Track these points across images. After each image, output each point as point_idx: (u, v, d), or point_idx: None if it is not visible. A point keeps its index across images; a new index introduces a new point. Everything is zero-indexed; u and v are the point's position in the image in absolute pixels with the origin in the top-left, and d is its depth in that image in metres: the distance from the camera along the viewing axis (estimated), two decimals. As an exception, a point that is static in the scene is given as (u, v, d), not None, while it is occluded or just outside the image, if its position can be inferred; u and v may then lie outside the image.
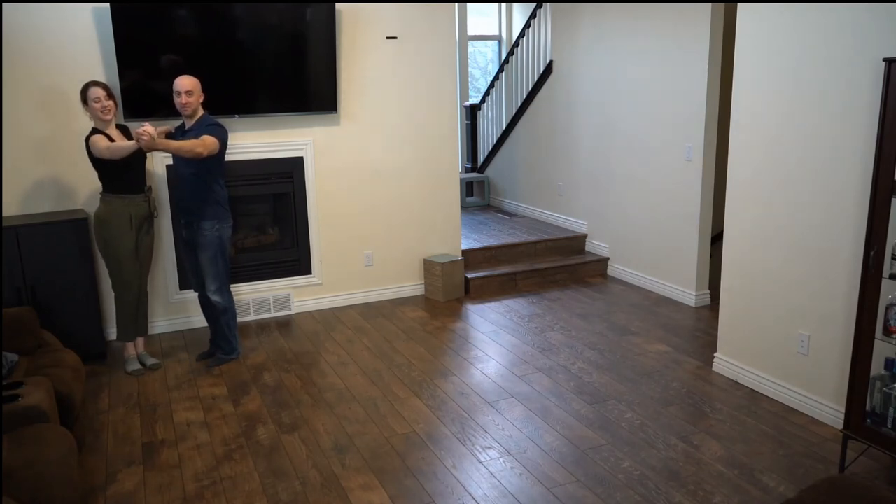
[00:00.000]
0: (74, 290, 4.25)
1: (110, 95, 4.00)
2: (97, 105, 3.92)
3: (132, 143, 3.79)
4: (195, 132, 3.97)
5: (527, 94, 7.08)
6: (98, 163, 3.98)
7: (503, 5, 8.56)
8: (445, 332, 4.82)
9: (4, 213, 4.32)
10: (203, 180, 4.06)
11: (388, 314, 5.22)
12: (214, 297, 4.23)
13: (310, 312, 5.28)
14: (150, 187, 4.21)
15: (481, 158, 8.35)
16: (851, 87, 3.19)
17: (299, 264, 5.25)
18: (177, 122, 4.68)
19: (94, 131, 3.96)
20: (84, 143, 3.99)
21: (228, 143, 4.87)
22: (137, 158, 4.04)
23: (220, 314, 4.30)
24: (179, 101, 3.95)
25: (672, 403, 3.71)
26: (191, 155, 3.81)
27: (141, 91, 4.48)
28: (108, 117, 3.98)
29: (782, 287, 3.65)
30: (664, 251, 5.43)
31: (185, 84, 3.96)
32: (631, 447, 3.28)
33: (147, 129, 3.62)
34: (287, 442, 3.40)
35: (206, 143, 3.85)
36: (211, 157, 3.95)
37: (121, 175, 4.02)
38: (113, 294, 4.26)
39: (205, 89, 4.81)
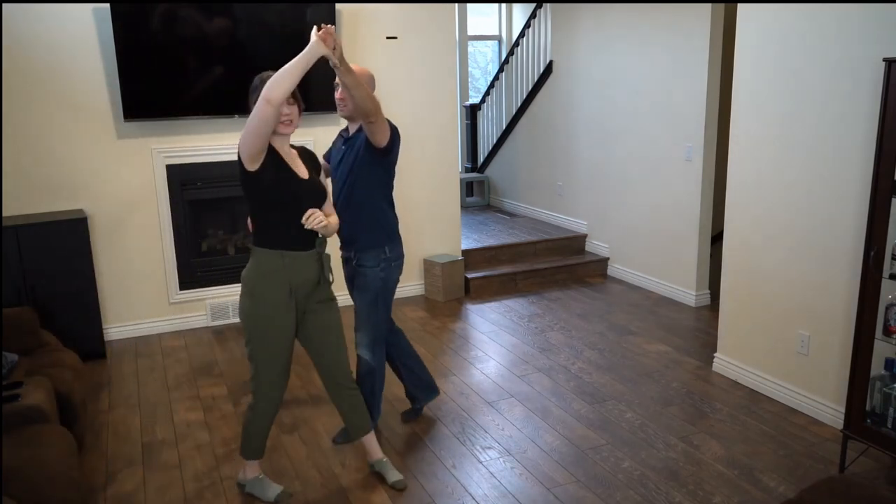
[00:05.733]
0: (74, 290, 4.25)
1: (294, 98, 2.64)
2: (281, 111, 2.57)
3: (306, 53, 2.47)
4: (359, 139, 3.08)
5: (527, 94, 7.07)
6: (252, 183, 2.61)
7: (503, 5, 8.56)
8: (445, 332, 4.82)
9: (4, 213, 4.32)
10: (366, 191, 3.07)
11: (388, 314, 5.21)
12: (361, 353, 3.24)
13: (310, 312, 5.27)
14: (323, 239, 2.79)
15: (481, 158, 8.35)
16: (851, 87, 3.19)
17: (299, 264, 5.24)
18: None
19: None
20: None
21: (231, 143, 4.91)
22: (314, 187, 2.71)
23: (363, 375, 3.26)
24: (336, 95, 3.03)
25: (672, 403, 3.71)
26: (364, 104, 2.79)
27: (142, 91, 4.47)
28: (290, 130, 2.66)
29: (782, 287, 3.65)
30: (664, 251, 5.43)
31: None
32: (631, 447, 3.28)
33: (329, 28, 2.49)
34: (287, 442, 3.40)
35: (376, 102, 2.84)
36: (378, 156, 3.03)
37: (287, 208, 2.64)
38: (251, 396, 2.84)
39: (205, 89, 4.80)
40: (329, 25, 2.51)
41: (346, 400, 2.92)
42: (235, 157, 5.37)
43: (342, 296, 3.76)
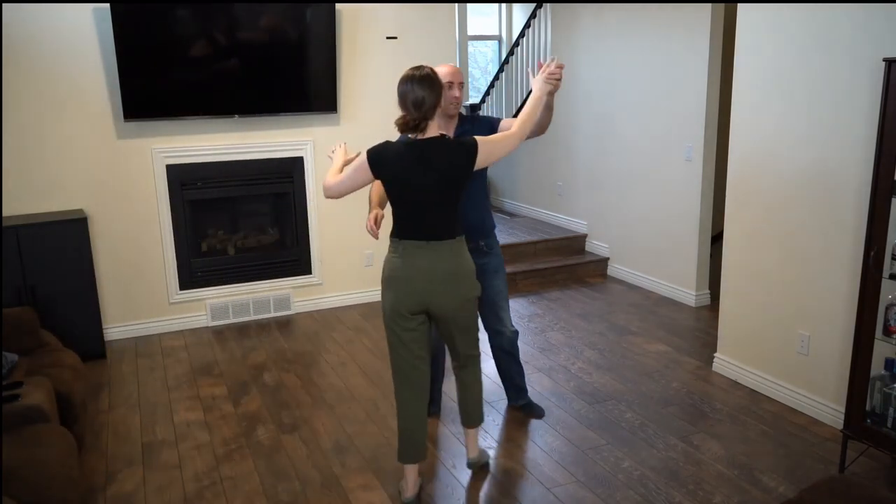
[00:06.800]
0: (74, 290, 4.25)
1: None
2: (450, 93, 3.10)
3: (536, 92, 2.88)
4: (458, 135, 3.19)
5: (527, 94, 7.07)
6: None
7: (503, 5, 8.55)
8: (445, 332, 4.81)
9: (4, 213, 4.32)
10: (481, 181, 3.31)
11: (388, 314, 5.21)
12: (513, 329, 3.52)
13: (310, 312, 5.27)
14: None
15: (481, 158, 8.33)
16: (851, 87, 3.19)
17: (299, 264, 5.25)
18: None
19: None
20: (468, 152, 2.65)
21: (231, 143, 4.91)
22: None
23: (516, 347, 3.57)
24: (451, 94, 3.14)
25: (672, 403, 3.71)
26: (547, 122, 3.10)
27: (142, 91, 4.47)
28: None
29: (782, 287, 3.65)
30: (664, 251, 5.43)
31: (455, 73, 3.20)
32: (631, 447, 3.28)
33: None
34: (287, 442, 3.40)
35: None
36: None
37: None
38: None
39: (205, 89, 4.80)
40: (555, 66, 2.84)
41: None
42: (236, 157, 5.37)
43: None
